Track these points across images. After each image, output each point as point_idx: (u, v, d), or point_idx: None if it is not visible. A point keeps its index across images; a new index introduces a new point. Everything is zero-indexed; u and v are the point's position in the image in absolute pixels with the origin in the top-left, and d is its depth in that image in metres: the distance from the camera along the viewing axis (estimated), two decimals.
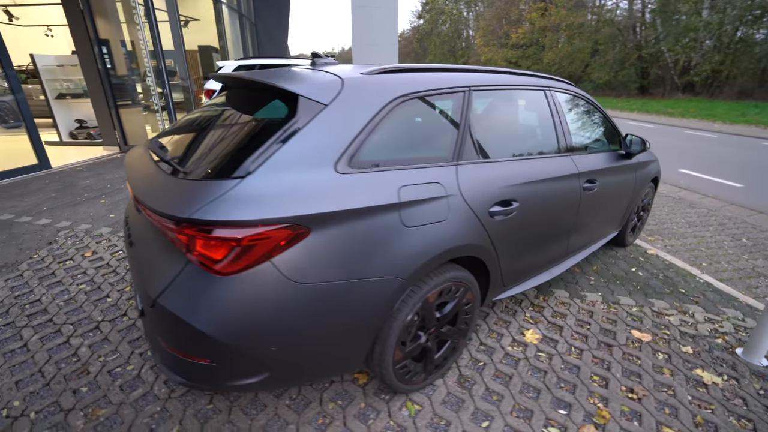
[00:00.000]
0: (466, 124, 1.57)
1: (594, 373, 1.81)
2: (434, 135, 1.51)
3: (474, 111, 1.63)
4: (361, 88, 1.32)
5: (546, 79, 2.08)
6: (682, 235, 3.55)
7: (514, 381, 1.75)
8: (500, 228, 1.63)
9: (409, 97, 1.42)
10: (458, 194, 1.45)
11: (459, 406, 1.61)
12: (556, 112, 2.01)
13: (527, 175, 1.72)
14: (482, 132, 1.66)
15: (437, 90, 1.51)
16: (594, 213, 2.33)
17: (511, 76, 1.85)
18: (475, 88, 1.63)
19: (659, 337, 2.08)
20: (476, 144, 1.60)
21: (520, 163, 1.73)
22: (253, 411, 1.59)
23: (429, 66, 1.59)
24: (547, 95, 2.00)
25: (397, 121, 1.39)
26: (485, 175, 1.56)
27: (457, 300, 1.60)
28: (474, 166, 1.55)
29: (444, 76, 1.56)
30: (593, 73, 22.75)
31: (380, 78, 1.39)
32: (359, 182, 1.23)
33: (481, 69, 1.75)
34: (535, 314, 2.25)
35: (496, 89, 1.75)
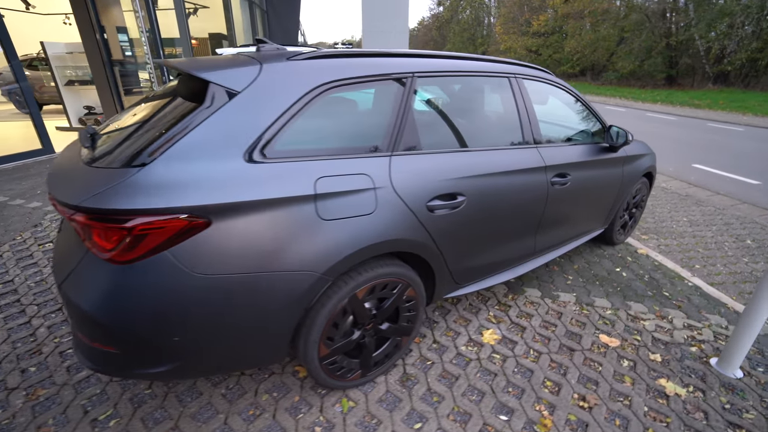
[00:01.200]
0: (406, 113, 1.47)
1: (548, 378, 1.72)
2: (367, 124, 1.43)
3: (418, 99, 1.53)
4: (280, 75, 1.25)
5: (515, 66, 1.95)
6: (680, 234, 3.33)
7: (460, 382, 1.68)
8: (443, 223, 1.54)
9: (338, 83, 1.34)
10: (389, 186, 1.37)
11: (395, 405, 1.56)
12: (522, 102, 1.88)
13: (478, 167, 1.62)
14: (426, 121, 1.57)
15: (374, 76, 1.42)
16: (569, 209, 2.20)
17: (468, 62, 1.73)
18: (420, 74, 1.53)
19: (628, 342, 1.96)
20: (417, 134, 1.50)
21: (470, 154, 1.63)
22: (188, 398, 1.59)
23: (372, 51, 1.50)
24: (513, 83, 1.87)
25: (322, 109, 1.32)
26: (424, 167, 1.47)
27: (395, 297, 1.54)
28: (412, 158, 1.46)
29: (384, 62, 1.46)
30: (618, 62, 21.65)
31: (306, 64, 1.31)
32: (271, 172, 1.17)
33: (433, 54, 1.64)
34: (500, 313, 2.16)
35: (447, 76, 1.64)
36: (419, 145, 1.51)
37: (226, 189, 1.09)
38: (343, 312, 1.41)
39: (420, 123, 1.53)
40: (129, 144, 1.17)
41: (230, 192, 1.10)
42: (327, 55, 1.39)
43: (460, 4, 49.07)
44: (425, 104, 1.60)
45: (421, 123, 1.54)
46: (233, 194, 1.10)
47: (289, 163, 1.22)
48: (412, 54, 1.57)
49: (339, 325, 1.43)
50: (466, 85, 1.78)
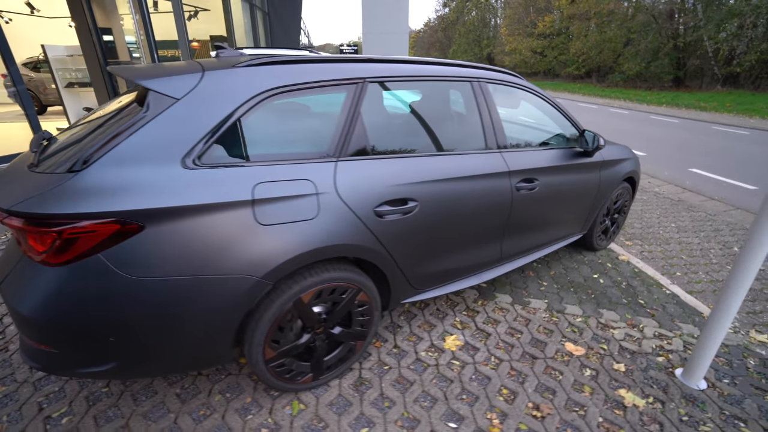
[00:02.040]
0: (355, 118, 1.47)
1: (504, 386, 1.70)
2: (314, 130, 1.43)
3: (370, 104, 1.53)
4: (221, 83, 1.26)
5: (480, 70, 1.93)
6: (666, 240, 3.27)
7: (414, 388, 1.67)
8: (395, 228, 1.54)
9: (283, 90, 1.34)
10: (332, 192, 1.37)
11: (344, 409, 1.56)
12: (485, 106, 1.87)
13: (431, 173, 1.61)
14: (377, 126, 1.56)
15: (322, 82, 1.42)
16: (539, 214, 2.17)
17: (426, 67, 1.72)
18: (372, 79, 1.53)
19: (594, 351, 1.93)
20: (367, 139, 1.50)
21: (423, 160, 1.62)
22: (143, 397, 1.60)
23: (324, 57, 1.50)
24: (475, 87, 1.86)
25: (265, 116, 1.33)
26: (373, 173, 1.47)
27: (346, 301, 1.54)
28: (360, 163, 1.46)
29: (334, 67, 1.47)
30: (624, 64, 21.38)
31: (251, 71, 1.32)
32: (207, 178, 1.18)
33: (389, 59, 1.63)
34: (467, 319, 2.15)
35: (402, 81, 1.63)
36: (369, 151, 1.50)
37: (159, 194, 1.11)
38: (288, 315, 1.41)
39: (371, 128, 1.53)
40: (71, 150, 1.19)
41: (164, 197, 1.11)
42: (276, 61, 1.40)
43: (466, 6, 48.95)
44: (377, 109, 1.60)
45: (372, 128, 1.53)
46: (167, 200, 1.11)
47: (227, 169, 1.23)
48: (365, 59, 1.57)
49: (285, 328, 1.43)
50: (423, 90, 1.78)
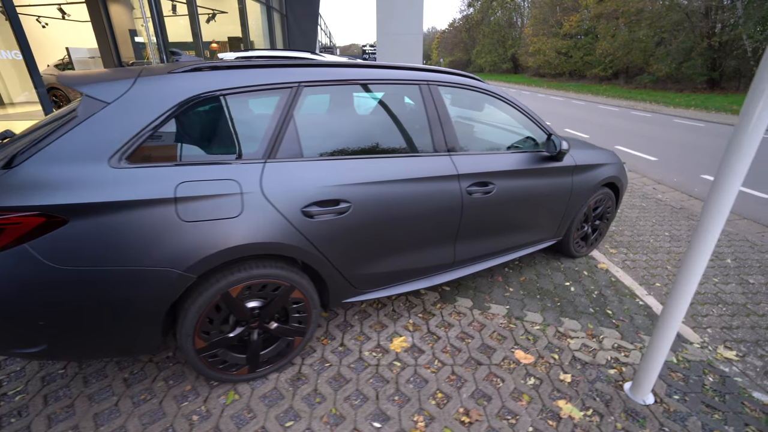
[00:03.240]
0: (287, 122, 1.52)
1: (440, 390, 1.69)
2: (243, 132, 1.48)
3: (304, 107, 1.57)
4: (152, 88, 1.33)
5: (433, 73, 1.93)
6: (654, 249, 3.13)
7: (348, 387, 1.69)
8: (328, 229, 1.57)
9: (214, 94, 1.41)
10: (258, 192, 1.42)
11: (275, 402, 1.61)
12: (433, 109, 1.86)
13: (366, 175, 1.63)
14: (311, 129, 1.60)
15: (255, 86, 1.48)
16: (498, 219, 2.14)
17: (369, 70, 1.74)
18: (308, 83, 1.57)
19: (543, 360, 1.88)
20: (299, 142, 1.54)
21: (357, 162, 1.64)
22: (93, 380, 1.71)
23: (262, 63, 1.56)
24: (424, 90, 1.86)
25: (194, 119, 1.39)
26: (302, 174, 1.51)
27: (278, 298, 1.58)
28: (290, 165, 1.50)
29: (267, 73, 1.51)
30: (653, 65, 20.42)
31: (185, 76, 1.39)
32: (132, 177, 1.26)
33: (329, 63, 1.67)
34: (420, 321, 2.14)
35: (342, 84, 1.66)
36: (301, 153, 1.54)
37: (84, 191, 1.19)
38: (216, 308, 1.47)
39: (304, 131, 1.57)
40: (11, 147, 1.29)
41: (89, 194, 1.20)
42: (212, 67, 1.46)
43: (491, 6, 48.18)
44: (313, 113, 1.63)
45: (306, 131, 1.57)
46: (91, 196, 1.20)
47: (152, 168, 1.30)
48: (304, 64, 1.61)
49: (215, 320, 1.49)
50: (364, 94, 1.80)
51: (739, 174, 1.23)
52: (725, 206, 1.29)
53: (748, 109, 1.17)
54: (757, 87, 1.15)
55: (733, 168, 1.23)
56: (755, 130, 1.18)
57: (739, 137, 1.20)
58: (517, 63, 42.28)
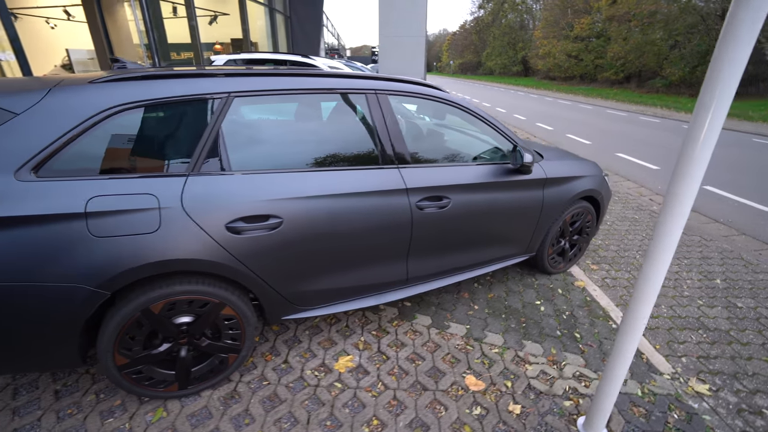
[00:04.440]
0: (214, 133, 1.45)
1: (377, 416, 1.60)
2: (165, 145, 1.41)
3: (234, 119, 1.50)
4: (68, 99, 1.28)
5: (380, 81, 1.82)
6: (638, 266, 2.97)
7: (281, 408, 1.61)
8: (258, 245, 1.49)
9: (135, 105, 1.34)
10: (178, 207, 1.35)
11: (202, 422, 1.53)
12: (381, 119, 1.77)
13: (300, 189, 1.54)
14: (241, 141, 1.53)
15: (179, 97, 1.41)
16: (457, 234, 2.03)
17: (309, 79, 1.65)
18: (238, 94, 1.50)
19: (495, 388, 1.77)
20: (226, 155, 1.47)
21: (290, 175, 1.55)
22: (24, 391, 1.67)
23: (190, 72, 1.49)
24: (371, 100, 1.76)
25: (111, 131, 1.33)
26: (227, 188, 1.43)
27: (206, 315, 1.51)
28: (214, 178, 1.43)
29: (195, 83, 1.44)
30: (667, 69, 19.89)
31: (103, 87, 1.33)
32: (40, 191, 1.20)
33: (263, 73, 1.58)
34: (372, 339, 2.05)
35: (276, 95, 1.58)
36: (228, 166, 1.47)
37: None
38: (138, 324, 1.41)
39: (233, 143, 1.49)
40: None
41: None
42: (136, 77, 1.40)
43: (502, 8, 47.78)
44: (244, 124, 1.55)
45: (235, 143, 1.50)
46: None
47: (62, 182, 1.24)
48: (235, 73, 1.53)
49: (135, 337, 1.43)
50: (301, 104, 1.71)
51: (696, 177, 1.08)
52: (680, 218, 1.14)
53: (701, 104, 1.04)
54: (710, 79, 1.03)
55: (688, 170, 1.09)
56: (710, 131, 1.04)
57: (694, 134, 1.07)
58: (527, 66, 41.78)
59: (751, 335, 2.21)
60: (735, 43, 0.95)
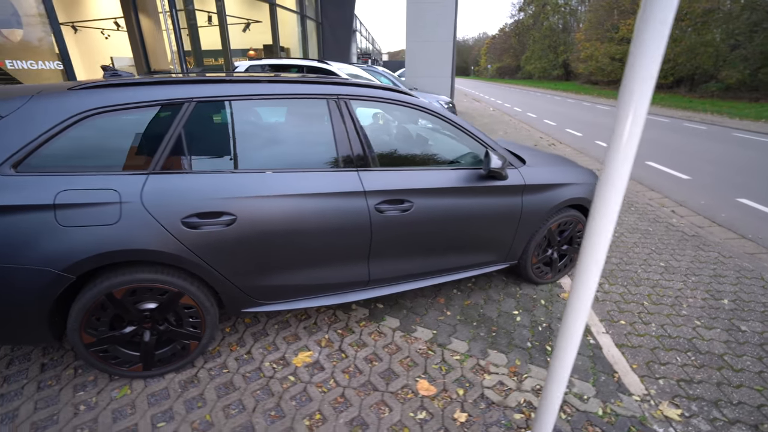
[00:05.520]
0: (176, 136, 1.57)
1: (321, 411, 1.64)
2: (128, 146, 1.55)
3: (196, 123, 1.62)
4: (47, 104, 1.45)
5: (344, 86, 1.87)
6: (638, 281, 2.78)
7: (233, 396, 1.70)
8: (214, 240, 1.60)
9: (107, 110, 1.50)
10: (138, 202, 1.48)
11: (159, 401, 1.66)
12: (341, 124, 1.82)
13: (255, 188, 1.63)
14: (202, 144, 1.65)
15: (146, 103, 1.55)
16: (424, 239, 2.04)
17: (272, 86, 1.74)
18: (201, 99, 1.62)
19: (447, 394, 1.76)
20: (186, 155, 1.59)
21: (244, 175, 1.65)
22: (17, 362, 1.87)
23: (158, 80, 1.63)
24: (332, 105, 1.82)
25: (83, 132, 1.49)
26: (184, 186, 1.55)
27: (166, 302, 1.64)
28: (173, 177, 1.55)
29: (161, 89, 1.58)
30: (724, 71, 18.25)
31: (79, 94, 1.50)
32: (17, 184, 1.38)
33: (226, 79, 1.69)
34: (336, 338, 2.10)
35: (238, 100, 1.68)
36: (187, 166, 1.59)
37: None
38: (102, 307, 1.56)
39: (193, 146, 1.62)
40: None
41: None
42: (108, 84, 1.56)
43: (543, 10, 46.19)
44: (205, 128, 1.66)
45: (194, 146, 1.62)
46: None
47: (36, 177, 1.41)
48: (199, 81, 1.65)
49: (101, 318, 1.58)
50: (262, 109, 1.80)
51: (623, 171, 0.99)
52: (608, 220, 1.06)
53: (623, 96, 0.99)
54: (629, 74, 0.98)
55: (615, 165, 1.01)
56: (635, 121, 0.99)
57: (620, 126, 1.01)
58: (568, 69, 40.03)
59: (748, 361, 2.01)
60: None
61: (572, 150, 7.81)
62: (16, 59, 4.37)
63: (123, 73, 1.99)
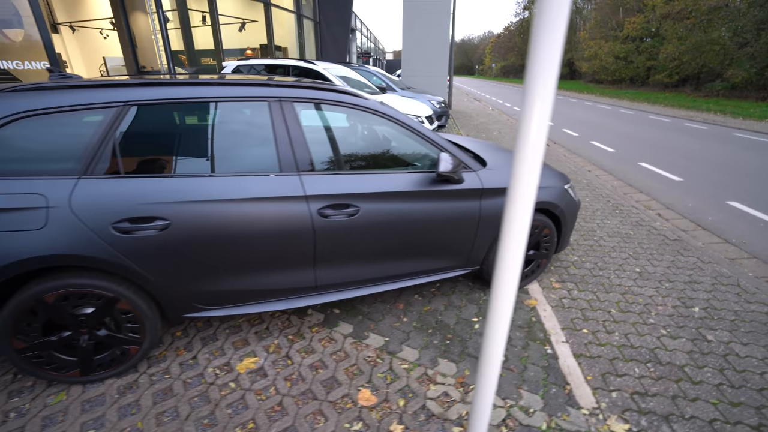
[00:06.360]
0: (108, 140, 1.55)
1: (255, 420, 1.61)
2: (58, 149, 1.53)
3: (130, 126, 1.59)
4: None
5: (286, 88, 1.83)
6: (609, 287, 2.71)
7: (169, 402, 1.68)
8: (146, 245, 1.57)
9: (32, 113, 1.48)
10: (65, 206, 1.46)
11: (93, 408, 1.64)
12: (283, 127, 1.78)
13: (189, 193, 1.60)
14: (138, 148, 1.62)
15: (78, 106, 1.53)
16: (374, 245, 2.00)
17: (208, 88, 1.70)
18: (135, 103, 1.59)
19: (387, 405, 1.71)
20: (119, 159, 1.57)
21: (181, 180, 1.62)
22: None
23: (91, 83, 1.60)
24: (274, 107, 1.78)
25: (8, 136, 1.47)
26: (116, 191, 1.53)
27: (100, 308, 1.61)
28: (104, 181, 1.53)
29: (94, 93, 1.55)
30: (730, 70, 17.89)
31: (6, 96, 1.48)
32: None
33: (165, 82, 1.66)
34: (285, 343, 2.06)
35: (173, 103, 1.65)
36: (120, 170, 1.57)
37: None
38: (32, 313, 1.54)
39: (128, 149, 1.59)
40: None
41: None
42: (34, 87, 1.54)
43: None
44: (139, 132, 1.63)
45: (128, 149, 1.59)
46: None
47: None
48: (135, 83, 1.62)
49: (32, 323, 1.56)
50: (198, 113, 1.76)
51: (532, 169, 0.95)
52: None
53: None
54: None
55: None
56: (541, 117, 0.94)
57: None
58: (573, 68, 39.59)
59: (708, 373, 1.94)
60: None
61: (565, 150, 7.70)
62: (2, 59, 4.43)
63: (73, 76, 1.97)
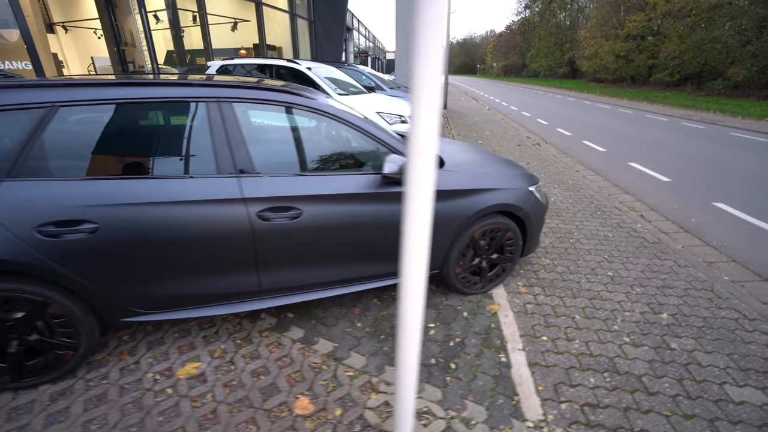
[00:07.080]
0: (35, 141, 1.50)
1: (184, 428, 1.56)
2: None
3: (57, 128, 1.54)
4: None
5: (229, 89, 1.77)
6: (577, 292, 2.63)
7: (100, 409, 1.64)
8: (75, 248, 1.53)
9: None
10: None
11: (21, 416, 1.60)
12: (220, 128, 1.72)
13: (118, 196, 1.56)
14: (64, 149, 1.58)
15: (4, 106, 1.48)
16: (320, 248, 1.94)
17: (141, 89, 1.65)
18: (65, 104, 1.54)
19: (323, 414, 1.66)
20: (45, 161, 1.52)
21: (109, 182, 1.57)
22: None
23: (24, 83, 1.56)
24: (212, 108, 1.72)
25: None
26: (41, 193, 1.49)
27: (29, 312, 1.58)
28: (28, 183, 1.49)
29: (19, 94, 1.51)
30: (731, 68, 17.66)
31: None
32: None
33: (97, 83, 1.61)
34: (231, 348, 2.01)
35: (110, 104, 1.61)
36: (46, 172, 1.52)
37: None
38: None
39: (55, 151, 1.55)
40: None
41: None
42: None
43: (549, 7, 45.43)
44: (69, 132, 1.59)
45: (56, 151, 1.55)
46: None
47: None
48: (65, 84, 1.57)
49: None
50: (132, 114, 1.70)
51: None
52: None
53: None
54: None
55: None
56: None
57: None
58: (574, 67, 39.32)
59: (666, 384, 1.86)
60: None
61: (555, 150, 7.60)
62: None
63: (15, 76, 1.93)
